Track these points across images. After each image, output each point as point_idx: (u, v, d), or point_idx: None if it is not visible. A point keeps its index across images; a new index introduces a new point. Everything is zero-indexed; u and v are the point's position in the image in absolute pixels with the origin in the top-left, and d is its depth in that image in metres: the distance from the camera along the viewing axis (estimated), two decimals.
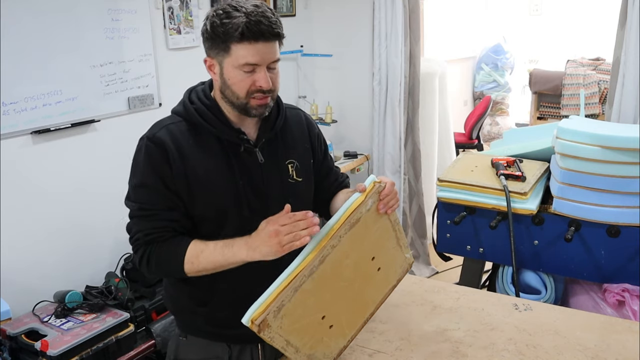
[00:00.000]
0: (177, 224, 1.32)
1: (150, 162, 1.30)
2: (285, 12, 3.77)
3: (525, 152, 2.52)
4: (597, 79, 5.26)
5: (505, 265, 2.39)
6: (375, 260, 1.33)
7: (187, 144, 1.31)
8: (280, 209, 1.35)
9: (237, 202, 1.34)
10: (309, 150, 1.50)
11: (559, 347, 1.43)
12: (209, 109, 1.33)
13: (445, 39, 6.04)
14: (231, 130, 1.34)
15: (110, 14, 2.62)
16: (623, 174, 2.06)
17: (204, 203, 1.32)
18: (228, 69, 1.27)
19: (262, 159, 1.37)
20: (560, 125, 2.19)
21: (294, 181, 1.43)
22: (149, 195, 1.31)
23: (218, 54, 1.27)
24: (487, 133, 6.81)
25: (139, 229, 1.32)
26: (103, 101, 2.64)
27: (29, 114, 2.35)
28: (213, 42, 1.27)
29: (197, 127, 1.33)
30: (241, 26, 1.21)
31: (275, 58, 1.27)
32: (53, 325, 2.24)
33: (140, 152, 1.33)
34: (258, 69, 1.25)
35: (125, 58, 2.71)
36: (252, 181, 1.36)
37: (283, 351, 1.22)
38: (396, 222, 1.36)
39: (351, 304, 1.33)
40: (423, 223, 3.86)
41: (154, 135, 1.31)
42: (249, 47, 1.22)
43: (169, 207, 1.31)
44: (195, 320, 1.45)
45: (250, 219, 1.32)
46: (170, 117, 1.37)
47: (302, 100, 3.93)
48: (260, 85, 1.26)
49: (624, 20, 2.78)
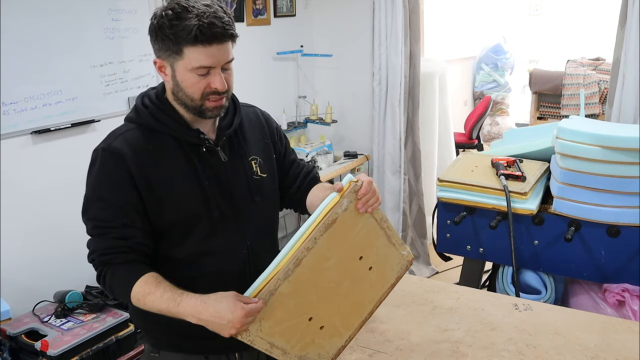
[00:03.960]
0: (133, 241, 1.24)
1: (106, 174, 1.24)
2: (285, 12, 3.77)
3: (525, 152, 2.52)
4: (597, 79, 5.26)
5: (505, 265, 2.39)
6: (364, 260, 1.32)
7: (146, 150, 1.26)
8: (247, 207, 1.34)
9: (206, 204, 1.29)
10: (269, 145, 1.46)
11: (559, 347, 1.43)
12: (163, 112, 1.28)
13: (445, 39, 6.03)
14: (190, 130, 1.29)
15: (110, 14, 2.62)
16: (623, 174, 2.06)
17: (173, 208, 1.27)
18: (181, 71, 1.22)
19: (225, 157, 1.33)
20: (560, 125, 2.19)
21: (259, 177, 1.39)
22: (103, 211, 1.24)
23: (169, 56, 1.22)
24: (487, 133, 6.81)
25: (94, 248, 1.26)
26: (103, 101, 2.64)
27: (29, 114, 2.35)
28: (163, 43, 1.22)
29: (154, 132, 1.28)
30: (194, 30, 1.16)
31: (229, 58, 1.24)
32: (53, 325, 2.24)
33: (94, 164, 1.26)
34: (212, 71, 1.22)
35: (125, 58, 2.71)
36: (218, 181, 1.32)
37: (269, 353, 1.22)
38: (383, 220, 1.34)
39: (343, 304, 1.32)
40: (423, 223, 3.86)
41: (109, 145, 1.25)
42: (203, 50, 1.18)
43: (124, 224, 1.23)
44: (168, 335, 1.37)
45: (219, 221, 1.30)
46: (125, 125, 1.31)
47: (302, 100, 3.93)
48: (216, 87, 1.22)
49: (624, 20, 2.78)
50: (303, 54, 3.88)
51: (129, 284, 1.22)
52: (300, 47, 3.87)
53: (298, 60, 3.94)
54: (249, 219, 1.36)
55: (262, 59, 3.68)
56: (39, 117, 2.39)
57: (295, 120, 3.91)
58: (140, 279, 1.22)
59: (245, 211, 1.36)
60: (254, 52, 3.60)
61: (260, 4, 3.55)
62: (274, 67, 3.77)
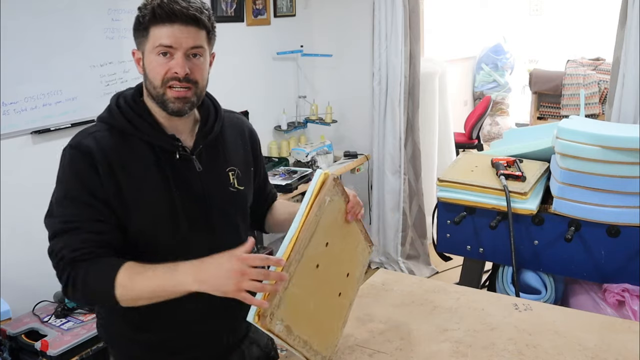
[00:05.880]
0: (106, 236, 1.18)
1: (75, 171, 1.19)
2: (285, 12, 3.78)
3: (525, 152, 2.52)
4: (597, 79, 5.26)
5: (505, 265, 2.39)
6: (342, 250, 1.33)
7: (116, 153, 1.20)
8: (222, 220, 1.29)
9: (172, 215, 1.23)
10: (250, 157, 1.41)
11: (559, 347, 1.43)
12: (137, 114, 1.24)
13: (445, 39, 6.04)
14: (164, 136, 1.24)
15: (110, 14, 2.62)
16: (623, 174, 2.06)
17: (137, 216, 1.21)
18: (147, 56, 1.20)
19: (200, 167, 1.27)
20: (560, 125, 2.19)
21: (236, 190, 1.33)
22: (73, 208, 1.18)
23: (141, 43, 1.21)
24: (487, 133, 6.81)
25: (63, 246, 1.17)
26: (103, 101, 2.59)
27: (29, 114, 2.35)
28: (136, 31, 1.22)
29: (126, 134, 1.22)
30: (155, 7, 1.16)
31: (195, 44, 1.19)
32: (53, 325, 2.24)
33: (63, 163, 1.22)
34: (175, 54, 1.18)
35: (125, 58, 2.71)
36: (190, 191, 1.25)
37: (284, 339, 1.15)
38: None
39: (335, 295, 1.33)
40: (423, 223, 3.86)
41: (78, 143, 1.20)
42: (163, 29, 1.16)
43: (97, 219, 1.17)
44: (132, 349, 1.32)
45: (189, 232, 1.24)
46: (96, 125, 1.26)
47: (302, 100, 3.94)
48: (175, 71, 1.17)
49: (624, 20, 2.78)
50: (303, 54, 3.89)
51: (113, 273, 1.12)
52: (300, 47, 3.87)
53: (298, 60, 3.94)
54: (221, 232, 1.30)
55: (262, 59, 3.68)
56: (39, 117, 2.39)
57: (295, 120, 3.91)
58: (123, 265, 1.14)
59: (217, 224, 1.30)
60: (254, 52, 3.60)
61: (260, 4, 3.55)
62: (273, 67, 3.77)
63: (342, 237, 1.33)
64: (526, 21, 6.88)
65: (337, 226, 1.30)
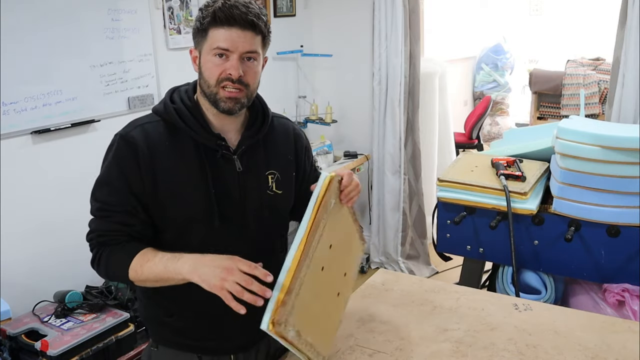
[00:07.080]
0: (133, 229, 1.27)
1: (118, 160, 1.26)
2: (285, 12, 3.77)
3: (525, 152, 2.52)
4: (597, 79, 5.26)
5: (505, 265, 2.39)
6: (341, 251, 1.33)
7: (162, 144, 1.27)
8: (257, 222, 1.32)
9: (205, 211, 1.28)
10: (292, 162, 1.44)
11: (559, 347, 1.43)
12: (189, 110, 1.29)
13: (445, 39, 6.04)
14: (210, 134, 1.29)
15: (110, 14, 2.62)
16: (623, 174, 2.06)
17: (171, 207, 1.27)
18: (204, 56, 1.26)
19: (240, 167, 1.32)
20: (560, 125, 2.19)
21: (273, 193, 1.37)
22: (109, 195, 1.26)
23: (199, 42, 1.27)
24: (487, 133, 6.81)
25: (94, 228, 1.29)
26: (103, 101, 2.64)
27: (29, 114, 2.35)
28: (197, 32, 1.27)
29: (175, 129, 1.29)
30: (216, 10, 1.21)
31: (250, 49, 1.24)
32: (53, 325, 2.24)
33: (110, 150, 1.29)
34: (231, 56, 1.23)
35: (125, 58, 2.71)
36: (227, 190, 1.30)
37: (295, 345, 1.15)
38: (354, 211, 1.37)
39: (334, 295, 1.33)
40: (423, 223, 3.86)
41: (127, 134, 1.27)
42: (222, 32, 1.22)
43: (127, 211, 1.26)
44: (163, 330, 1.40)
45: (221, 229, 1.29)
46: (149, 116, 1.33)
47: (302, 100, 3.93)
48: (230, 73, 1.23)
49: (624, 20, 2.78)
50: (303, 54, 3.88)
51: (129, 258, 1.24)
52: (300, 47, 3.87)
53: (298, 60, 3.94)
54: (253, 233, 1.34)
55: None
56: (39, 117, 2.39)
57: (295, 120, 3.90)
58: (139, 252, 1.25)
59: (250, 225, 1.34)
60: None
61: (260, 4, 3.56)
62: (274, 67, 3.77)
63: (342, 238, 1.33)
64: (526, 21, 6.88)
65: (340, 227, 1.30)
